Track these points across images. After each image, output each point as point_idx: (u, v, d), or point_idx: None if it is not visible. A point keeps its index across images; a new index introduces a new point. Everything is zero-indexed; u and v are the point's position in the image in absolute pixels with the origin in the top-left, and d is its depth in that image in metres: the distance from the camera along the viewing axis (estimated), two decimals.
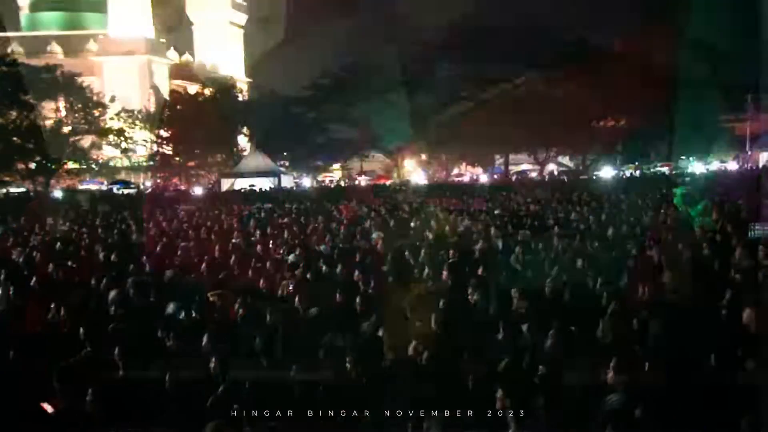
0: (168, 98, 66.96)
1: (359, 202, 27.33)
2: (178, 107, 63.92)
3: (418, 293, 8.58)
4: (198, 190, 53.43)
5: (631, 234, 13.37)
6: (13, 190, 58.16)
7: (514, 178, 59.57)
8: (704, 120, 56.85)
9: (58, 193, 52.08)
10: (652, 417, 4.75)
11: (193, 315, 7.58)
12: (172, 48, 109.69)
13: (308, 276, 10.04)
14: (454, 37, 56.14)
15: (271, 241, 14.93)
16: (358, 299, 8.06)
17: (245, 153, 60.33)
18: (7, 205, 39.38)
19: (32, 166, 57.52)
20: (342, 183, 67.05)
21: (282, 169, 58.55)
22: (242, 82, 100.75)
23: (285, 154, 65.69)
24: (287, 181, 56.69)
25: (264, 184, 50.62)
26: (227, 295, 8.43)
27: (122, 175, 67.17)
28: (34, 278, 9.80)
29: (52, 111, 58.98)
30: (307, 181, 65.44)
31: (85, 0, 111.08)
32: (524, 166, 69.71)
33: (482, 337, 6.79)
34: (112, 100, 61.41)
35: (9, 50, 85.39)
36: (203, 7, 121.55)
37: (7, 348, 6.66)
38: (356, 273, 9.87)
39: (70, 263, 11.37)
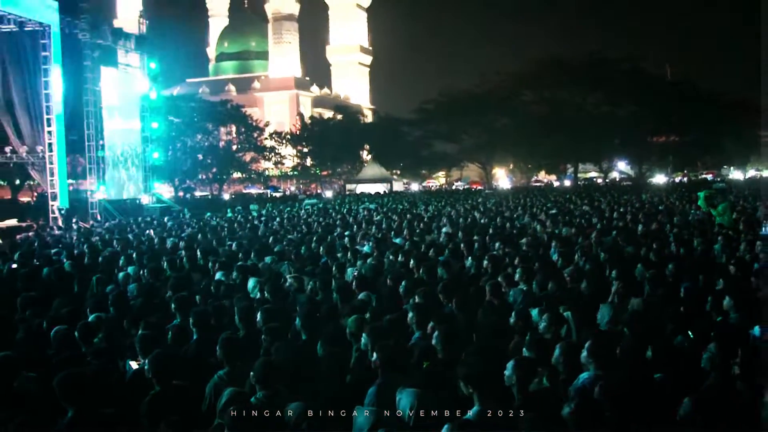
0: (308, 122, 68.04)
1: (448, 204, 26.70)
2: (316, 129, 65.00)
3: (452, 280, 8.10)
4: (328, 193, 54.26)
5: (657, 231, 12.32)
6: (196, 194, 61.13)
7: (581, 183, 57.76)
8: (743, 134, 53.79)
9: (226, 196, 54.20)
10: (611, 397, 4.16)
11: (264, 294, 7.30)
12: (314, 84, 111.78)
13: (373, 263, 9.64)
14: (532, 67, 54.88)
15: (360, 234, 14.73)
16: (403, 284, 7.63)
17: (365, 164, 60.61)
18: (189, 203, 41.20)
19: (210, 175, 60.17)
20: (442, 188, 66.63)
21: (394, 176, 58.46)
22: (367, 109, 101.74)
23: (401, 164, 65.72)
24: (398, 186, 56.71)
25: (379, 188, 50.82)
26: (302, 279, 8.18)
27: (274, 182, 69.21)
28: (165, 262, 9.88)
29: (225, 134, 61.00)
30: (414, 186, 65.37)
31: (252, 51, 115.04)
32: (592, 174, 67.29)
33: (496, 320, 6.24)
34: (267, 125, 63.08)
35: (200, 91, 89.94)
36: (338, 52, 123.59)
37: (123, 317, 6.65)
38: (411, 262, 9.42)
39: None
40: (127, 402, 4.47)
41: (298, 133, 64.91)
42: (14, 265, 10.48)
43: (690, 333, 5.06)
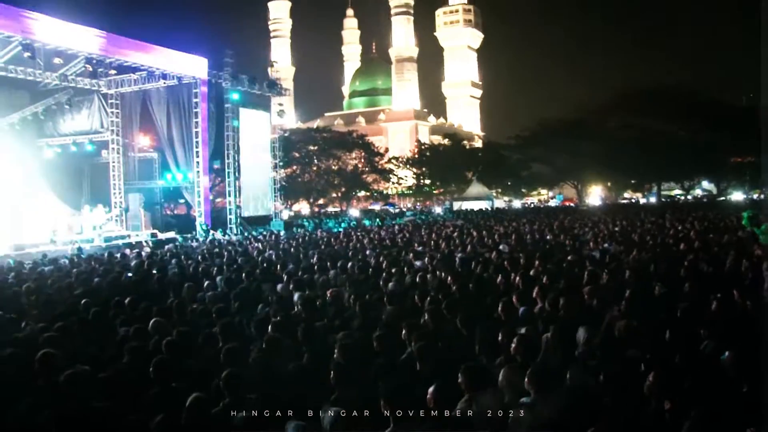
0: (423, 148, 68.00)
1: (528, 221, 25.39)
2: (428, 154, 64.92)
3: (473, 294, 7.63)
4: (438, 209, 53.83)
5: (699, 249, 10.98)
6: (328, 209, 62.90)
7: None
8: None
9: (352, 211, 55.22)
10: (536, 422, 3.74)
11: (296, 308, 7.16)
12: (431, 114, 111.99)
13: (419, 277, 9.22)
14: (620, 98, 52.22)
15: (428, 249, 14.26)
16: (428, 299, 7.25)
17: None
18: (319, 218, 42.36)
19: (339, 194, 61.73)
20: (539, 203, 64.35)
21: (495, 194, 57.09)
22: (477, 136, 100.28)
23: (508, 183, 64.06)
24: (500, 203, 55.26)
25: (482, 205, 49.67)
26: (341, 292, 8.00)
27: (394, 200, 69.82)
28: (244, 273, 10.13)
29: (352, 159, 62.32)
30: (516, 203, 63.45)
31: (379, 88, 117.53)
32: (676, 191, 62.31)
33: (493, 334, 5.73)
34: (386, 150, 64.02)
35: (335, 123, 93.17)
36: (452, 87, 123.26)
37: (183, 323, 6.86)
38: (449, 278, 8.96)
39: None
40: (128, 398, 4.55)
41: (416, 157, 65.13)
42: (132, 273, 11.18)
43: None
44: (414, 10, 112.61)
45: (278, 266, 11.21)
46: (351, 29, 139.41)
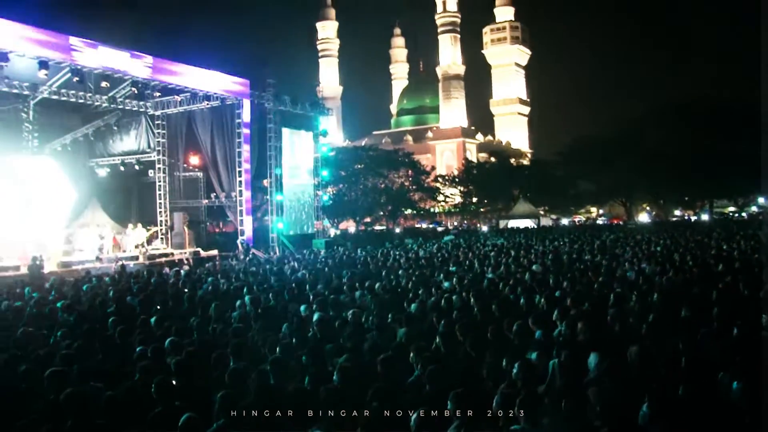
0: (470, 166, 67.53)
1: (570, 240, 24.72)
2: (475, 172, 64.44)
3: (494, 316, 7.50)
4: (485, 227, 53.22)
5: (739, 270, 10.40)
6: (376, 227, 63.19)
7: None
8: None
9: (398, 230, 55.25)
10: None
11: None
12: (479, 132, 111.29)
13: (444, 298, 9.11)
14: (660, 115, 50.85)
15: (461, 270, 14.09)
16: (444, 320, 7.16)
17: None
18: (363, 236, 42.82)
19: (386, 212, 61.74)
20: (587, 222, 62.88)
21: (541, 212, 56.02)
22: (526, 153, 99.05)
23: (557, 201, 62.74)
24: (547, 222, 54.22)
25: (528, 223, 48.91)
26: (360, 314, 7.98)
27: (442, 218, 69.50)
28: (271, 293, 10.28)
29: (398, 177, 62.28)
30: (564, 222, 62.14)
31: (427, 106, 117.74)
32: (731, 208, 59.61)
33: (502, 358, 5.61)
34: (433, 169, 63.85)
35: (383, 141, 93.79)
36: (500, 104, 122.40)
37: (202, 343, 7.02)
38: (472, 299, 8.83)
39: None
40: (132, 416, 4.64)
41: (462, 175, 64.74)
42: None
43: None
44: (461, 28, 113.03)
45: (308, 286, 11.31)
46: (399, 48, 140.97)
